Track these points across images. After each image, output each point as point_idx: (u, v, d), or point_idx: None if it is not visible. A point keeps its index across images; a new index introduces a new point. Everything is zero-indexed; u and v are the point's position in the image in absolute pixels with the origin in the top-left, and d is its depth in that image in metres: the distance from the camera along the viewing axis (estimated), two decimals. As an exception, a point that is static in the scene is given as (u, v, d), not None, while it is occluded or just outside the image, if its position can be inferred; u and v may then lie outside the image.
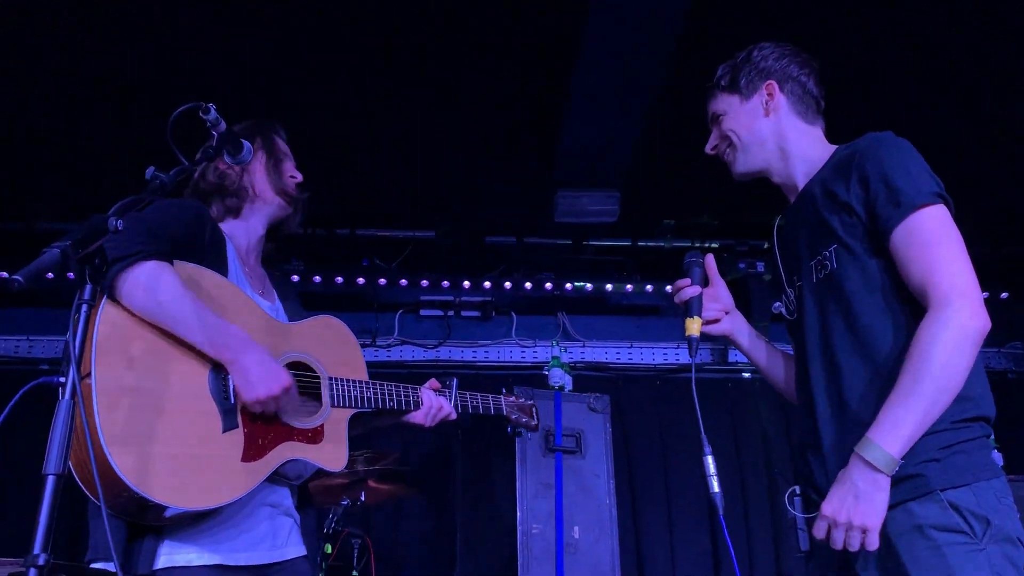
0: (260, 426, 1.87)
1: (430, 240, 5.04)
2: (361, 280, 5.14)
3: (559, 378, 4.68)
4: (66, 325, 1.36)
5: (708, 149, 2.15)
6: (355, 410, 2.07)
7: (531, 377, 4.97)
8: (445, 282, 5.25)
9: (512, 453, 3.95)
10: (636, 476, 5.01)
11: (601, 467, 3.99)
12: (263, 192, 2.15)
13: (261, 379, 1.80)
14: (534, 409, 2.55)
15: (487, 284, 5.25)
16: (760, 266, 4.99)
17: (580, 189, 4.45)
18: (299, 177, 2.22)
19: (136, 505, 1.69)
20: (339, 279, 5.08)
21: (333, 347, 2.11)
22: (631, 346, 5.45)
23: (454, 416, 2.29)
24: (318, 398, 2.02)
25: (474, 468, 4.37)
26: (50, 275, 1.31)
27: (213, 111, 1.64)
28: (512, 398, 2.50)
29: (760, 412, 5.28)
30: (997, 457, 4.45)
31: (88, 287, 1.35)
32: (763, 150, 2.02)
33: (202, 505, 1.74)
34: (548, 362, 4.85)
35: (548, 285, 5.28)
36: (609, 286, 5.36)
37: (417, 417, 2.22)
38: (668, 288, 2.01)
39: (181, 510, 1.71)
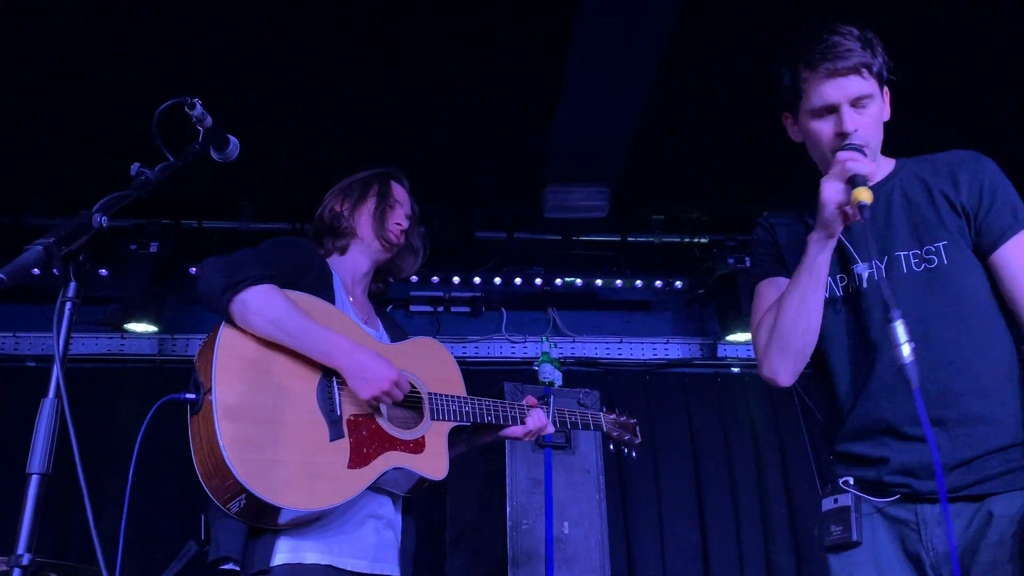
0: (364, 436, 2.02)
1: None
2: (351, 275, 5.12)
3: (549, 374, 4.68)
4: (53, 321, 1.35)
5: (850, 128, 1.81)
6: (454, 423, 2.21)
7: (521, 372, 4.97)
8: (435, 277, 5.24)
9: (502, 449, 3.94)
10: (626, 471, 5.02)
11: (591, 462, 3.99)
12: (365, 235, 2.34)
13: (372, 377, 1.97)
14: (637, 427, 2.63)
15: (477, 279, 5.24)
16: (748, 261, 4.98)
17: (569, 184, 4.44)
18: (404, 224, 2.39)
19: (256, 508, 1.85)
20: (328, 275, 5.06)
21: (432, 365, 2.28)
22: (620, 341, 5.46)
23: (552, 430, 2.41)
24: (419, 412, 2.17)
25: (464, 464, 4.35)
26: (36, 271, 1.30)
27: (199, 107, 1.63)
28: (613, 415, 2.59)
29: (749, 406, 5.30)
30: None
31: (72, 284, 1.34)
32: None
33: (314, 507, 1.90)
34: (538, 357, 4.85)
35: (538, 280, 5.28)
36: (599, 281, 5.36)
37: (516, 431, 2.34)
38: (855, 163, 1.73)
39: (295, 512, 1.87)
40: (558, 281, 5.32)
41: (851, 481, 1.81)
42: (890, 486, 1.75)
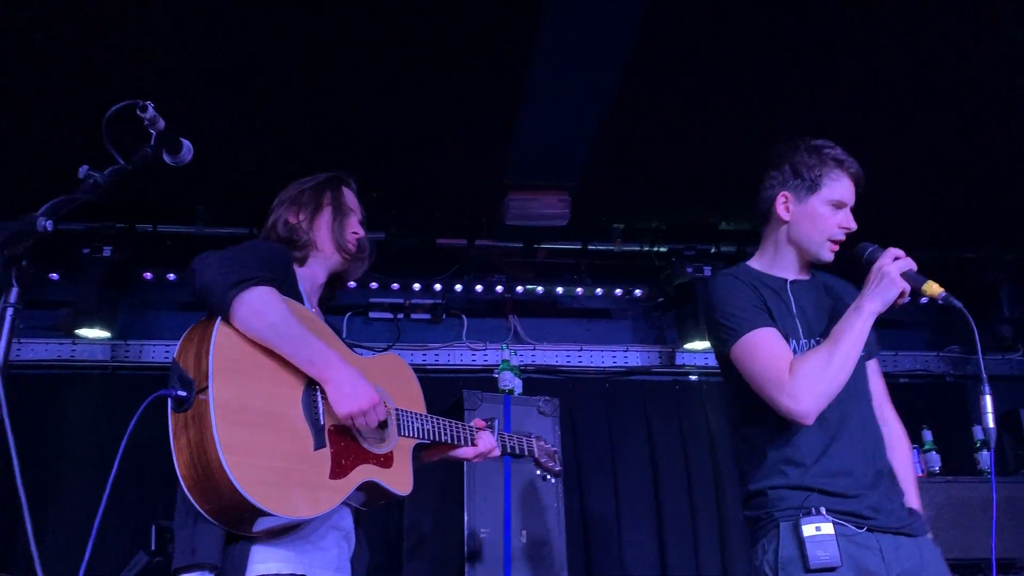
0: (343, 448, 2.03)
1: (380, 241, 4.99)
2: (309, 282, 5.07)
3: (509, 381, 4.67)
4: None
5: (854, 227, 2.34)
6: (417, 440, 2.25)
7: (481, 380, 4.96)
8: (395, 284, 5.22)
9: (461, 457, 3.92)
10: (585, 478, 5.03)
11: (550, 470, 3.99)
12: (324, 247, 2.31)
13: (353, 395, 1.97)
14: (557, 455, 2.73)
15: (438, 286, 5.23)
16: (707, 270, 5.05)
17: (531, 192, 4.45)
18: (361, 233, 2.37)
19: (240, 513, 1.82)
20: (287, 280, 5.00)
21: (398, 382, 2.29)
22: (581, 349, 5.48)
23: (498, 453, 2.47)
24: (385, 427, 2.17)
25: (422, 472, 4.33)
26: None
27: (151, 109, 1.60)
28: (542, 442, 2.69)
29: (707, 414, 5.34)
30: (935, 459, 4.57)
31: (14, 290, 1.31)
32: None
33: (302, 515, 1.89)
34: (498, 365, 4.84)
35: (499, 288, 5.28)
36: (560, 289, 5.37)
37: (467, 453, 2.40)
38: (892, 252, 2.22)
39: (284, 520, 1.86)
40: (519, 288, 5.32)
41: (824, 510, 2.13)
42: (864, 518, 2.13)
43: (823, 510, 2.11)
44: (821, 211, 2.29)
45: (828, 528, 2.08)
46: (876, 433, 2.30)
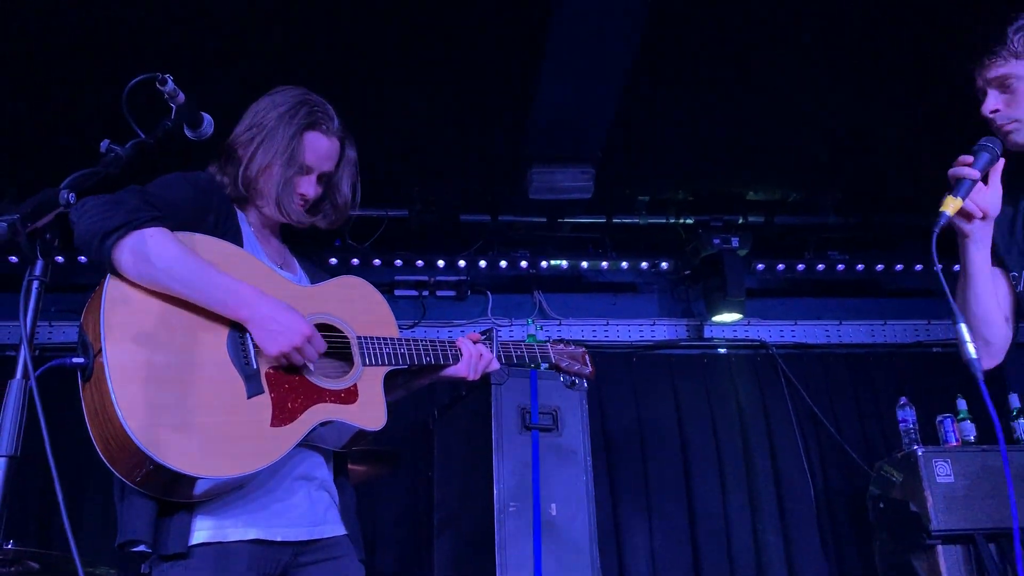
0: (287, 390, 1.82)
1: (403, 219, 4.98)
2: (334, 260, 5.08)
3: (535, 356, 4.65)
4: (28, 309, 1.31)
5: (989, 111, 1.98)
6: (390, 367, 2.01)
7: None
8: (419, 261, 5.20)
9: (489, 431, 3.93)
10: (612, 452, 5.02)
11: (578, 444, 3.98)
12: (267, 201, 2.03)
13: (281, 331, 1.75)
14: (587, 356, 2.46)
15: (462, 263, 5.21)
16: (735, 241, 4.98)
17: (554, 165, 4.41)
18: (310, 194, 2.07)
19: (165, 480, 1.66)
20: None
21: (359, 306, 2.06)
22: (607, 323, 5.45)
23: (497, 366, 2.21)
24: (349, 358, 1.98)
25: (451, 447, 4.35)
26: (13, 259, 1.27)
27: (170, 82, 1.59)
28: (560, 346, 2.43)
29: (736, 387, 5.30)
30: (970, 428, 4.50)
31: (40, 263, 1.30)
32: None
33: (233, 473, 1.70)
34: (524, 340, 4.82)
35: (523, 263, 5.25)
36: (584, 263, 5.34)
37: (460, 370, 2.13)
38: (955, 167, 1.89)
39: (213, 480, 1.69)
40: (544, 263, 5.30)
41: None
42: None
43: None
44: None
45: None
46: None
